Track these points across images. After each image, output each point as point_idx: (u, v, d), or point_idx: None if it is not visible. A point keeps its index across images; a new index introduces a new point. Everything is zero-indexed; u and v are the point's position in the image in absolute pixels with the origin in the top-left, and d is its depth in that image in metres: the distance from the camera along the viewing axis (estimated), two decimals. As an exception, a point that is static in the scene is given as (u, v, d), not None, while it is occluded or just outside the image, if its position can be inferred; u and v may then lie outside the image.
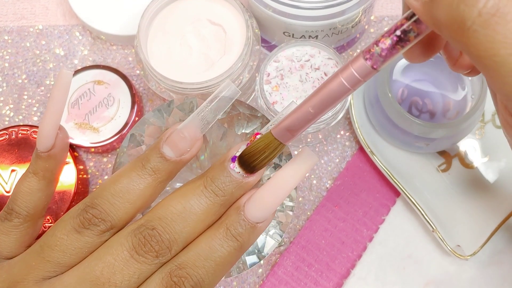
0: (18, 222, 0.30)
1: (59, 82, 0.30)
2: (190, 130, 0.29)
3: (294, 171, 0.28)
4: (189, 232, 0.28)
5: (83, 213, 0.28)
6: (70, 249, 0.28)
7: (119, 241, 0.27)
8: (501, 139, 0.48)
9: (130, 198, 0.28)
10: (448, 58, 0.29)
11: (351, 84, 0.26)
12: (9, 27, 0.54)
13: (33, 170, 0.31)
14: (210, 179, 0.28)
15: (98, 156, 0.51)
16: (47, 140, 0.31)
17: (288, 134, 0.28)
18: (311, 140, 0.49)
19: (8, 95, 0.52)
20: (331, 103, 0.26)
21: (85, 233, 0.28)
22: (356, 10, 0.44)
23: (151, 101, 0.52)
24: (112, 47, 0.53)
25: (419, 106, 0.48)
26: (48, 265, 0.28)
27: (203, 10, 0.46)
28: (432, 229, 0.45)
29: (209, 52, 0.45)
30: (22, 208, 0.30)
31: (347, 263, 0.47)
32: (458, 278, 0.47)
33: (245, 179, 0.29)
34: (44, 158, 0.31)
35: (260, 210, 0.28)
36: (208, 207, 0.28)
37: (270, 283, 0.47)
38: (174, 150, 0.29)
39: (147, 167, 0.28)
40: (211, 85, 0.42)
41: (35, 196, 0.31)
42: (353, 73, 0.25)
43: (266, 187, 0.28)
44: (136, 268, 0.27)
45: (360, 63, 0.25)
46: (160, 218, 0.28)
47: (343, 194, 0.49)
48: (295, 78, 0.44)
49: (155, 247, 0.27)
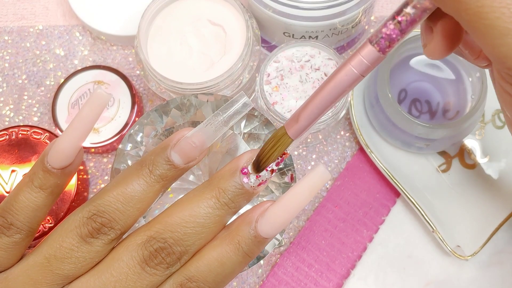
0: (19, 238, 0.28)
1: (95, 102, 0.28)
2: (200, 138, 0.28)
3: (307, 189, 0.28)
4: (201, 244, 0.28)
5: (90, 222, 0.27)
6: (81, 261, 0.27)
7: (130, 254, 0.27)
8: (501, 139, 0.48)
9: (139, 205, 0.28)
10: (471, 51, 0.30)
11: (361, 71, 0.26)
12: (9, 27, 0.55)
13: (39, 185, 0.28)
14: (222, 191, 0.28)
15: (98, 157, 0.51)
16: (66, 159, 0.28)
17: (300, 128, 0.28)
18: (311, 141, 0.49)
19: (8, 96, 0.52)
20: (342, 93, 0.27)
21: (95, 243, 0.27)
22: (356, 10, 0.44)
23: (151, 101, 0.52)
24: (112, 48, 0.53)
25: (419, 107, 0.48)
26: (56, 278, 0.27)
27: (203, 10, 0.46)
28: (432, 230, 0.45)
29: (209, 53, 0.45)
30: (25, 224, 0.28)
31: (347, 263, 0.47)
32: (458, 279, 0.47)
33: (255, 190, 0.29)
34: (56, 175, 0.28)
35: (273, 228, 0.28)
36: (220, 219, 0.28)
37: (270, 284, 0.47)
38: (183, 157, 0.28)
39: (155, 173, 0.28)
40: (211, 85, 0.42)
41: (40, 212, 0.29)
42: (362, 60, 0.26)
43: (280, 204, 0.28)
44: (148, 281, 0.27)
45: (368, 49, 0.26)
46: (171, 231, 0.27)
47: (343, 195, 0.49)
48: (295, 79, 0.44)
49: (167, 259, 0.27)
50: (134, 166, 0.29)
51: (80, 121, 0.28)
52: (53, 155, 0.28)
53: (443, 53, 0.28)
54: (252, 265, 0.35)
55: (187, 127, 0.30)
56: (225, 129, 0.29)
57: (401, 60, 0.47)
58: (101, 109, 0.28)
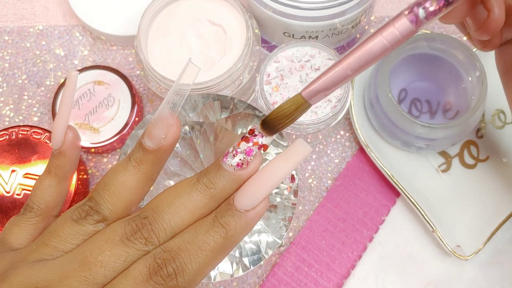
0: (30, 215, 0.32)
1: (66, 82, 0.33)
2: (158, 114, 0.29)
3: (285, 161, 0.28)
4: (177, 222, 0.28)
5: (82, 205, 0.30)
6: (66, 235, 0.29)
7: (113, 227, 0.29)
8: (501, 139, 0.49)
9: (115, 190, 0.29)
10: (474, 21, 0.31)
11: (392, 43, 0.27)
12: (9, 27, 0.55)
13: (47, 168, 0.33)
14: (203, 173, 0.29)
15: (98, 157, 0.51)
16: (57, 138, 0.33)
17: (320, 94, 0.28)
18: (311, 141, 0.49)
19: (8, 96, 0.52)
20: (369, 62, 0.27)
21: (81, 222, 0.29)
22: (356, 10, 0.44)
23: (151, 101, 0.52)
24: (112, 48, 0.54)
25: (419, 107, 0.48)
26: (46, 248, 0.29)
27: (203, 10, 0.46)
28: (432, 229, 0.45)
29: (209, 53, 0.45)
30: (35, 203, 0.33)
31: (347, 263, 0.47)
32: (458, 278, 0.47)
33: (237, 172, 0.29)
34: (56, 156, 0.33)
35: (248, 198, 0.28)
36: (198, 199, 0.29)
37: (270, 284, 0.47)
38: (152, 139, 0.30)
39: (131, 159, 0.30)
40: (211, 85, 0.42)
41: (46, 192, 0.33)
42: (395, 32, 0.26)
43: (256, 175, 0.29)
44: (123, 251, 0.28)
45: (402, 22, 0.26)
46: (152, 208, 0.29)
47: (343, 195, 0.49)
48: (295, 79, 0.44)
49: (144, 234, 0.28)
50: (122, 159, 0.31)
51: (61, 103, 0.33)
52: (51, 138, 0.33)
53: (456, 17, 0.29)
54: (253, 265, 0.35)
55: None
56: (182, 100, 0.29)
57: (402, 60, 0.47)
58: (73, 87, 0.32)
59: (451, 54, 0.46)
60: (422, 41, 0.46)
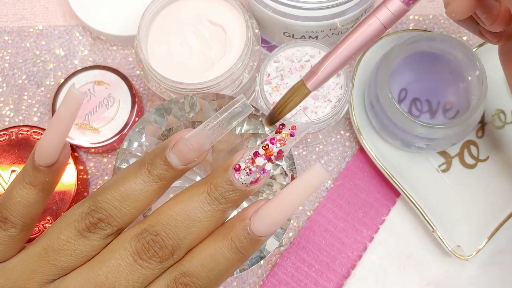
0: (14, 232, 0.29)
1: (70, 102, 0.28)
2: (198, 141, 0.28)
3: (303, 188, 0.28)
4: (193, 238, 0.28)
5: (88, 217, 0.28)
6: (77, 253, 0.28)
7: (123, 246, 0.28)
8: (501, 139, 0.48)
9: (135, 204, 0.28)
10: (488, 16, 0.31)
11: (386, 22, 0.28)
12: (9, 27, 0.55)
13: (30, 182, 0.29)
14: (213, 186, 0.28)
15: (98, 157, 0.51)
16: (50, 156, 0.29)
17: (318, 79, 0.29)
18: (311, 141, 0.49)
19: (8, 96, 0.52)
20: (364, 44, 0.28)
21: (91, 237, 0.28)
22: (356, 10, 0.44)
23: (151, 101, 0.52)
24: (112, 48, 0.54)
25: (420, 106, 0.48)
26: (53, 268, 0.28)
27: (203, 10, 0.46)
28: (432, 229, 0.45)
29: (209, 53, 0.45)
30: (19, 219, 0.29)
31: (347, 263, 0.47)
32: (459, 278, 0.47)
33: (248, 187, 0.28)
34: (44, 172, 0.29)
35: (266, 226, 0.28)
36: (211, 214, 0.28)
37: (270, 284, 0.47)
38: (181, 159, 0.29)
39: (153, 173, 0.28)
40: (211, 85, 0.42)
41: (32, 208, 0.29)
42: (388, 11, 0.28)
43: (274, 203, 0.28)
44: (140, 273, 0.27)
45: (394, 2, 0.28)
46: (163, 224, 0.28)
47: (343, 195, 0.49)
48: (295, 79, 0.44)
49: (159, 252, 0.27)
50: (134, 165, 0.29)
51: (57, 120, 0.28)
52: (38, 153, 0.29)
53: (464, 12, 0.29)
54: (252, 265, 0.35)
55: (186, 128, 0.30)
56: (224, 131, 0.29)
57: (402, 60, 0.47)
58: (76, 107, 0.28)
59: (451, 54, 0.46)
60: (422, 41, 0.45)
